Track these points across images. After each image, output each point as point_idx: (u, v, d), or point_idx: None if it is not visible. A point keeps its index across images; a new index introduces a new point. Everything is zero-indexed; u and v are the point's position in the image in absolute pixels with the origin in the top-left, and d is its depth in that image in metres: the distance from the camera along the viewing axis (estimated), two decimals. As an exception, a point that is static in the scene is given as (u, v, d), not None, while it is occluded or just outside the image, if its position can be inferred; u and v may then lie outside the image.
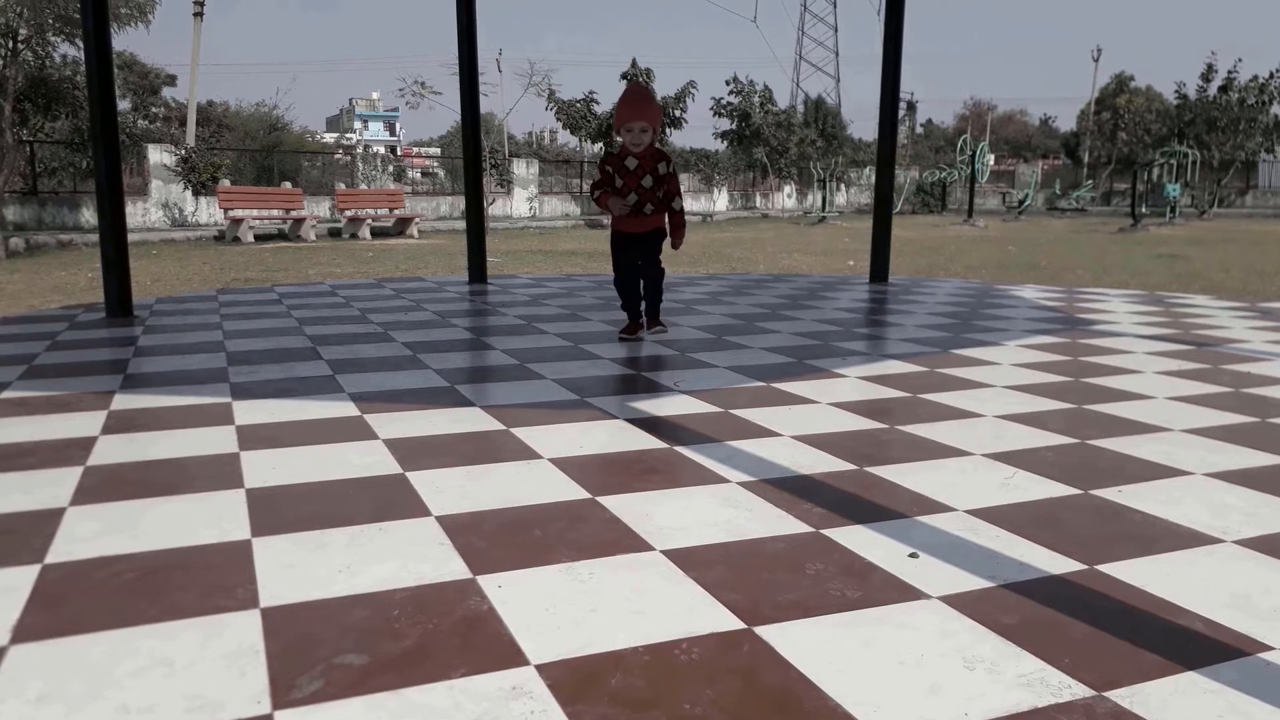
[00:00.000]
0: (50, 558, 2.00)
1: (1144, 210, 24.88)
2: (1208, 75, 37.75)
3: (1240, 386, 3.78)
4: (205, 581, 1.88)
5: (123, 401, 3.41)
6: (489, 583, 1.89)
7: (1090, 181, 40.93)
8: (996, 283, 8.46)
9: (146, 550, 2.04)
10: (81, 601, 1.80)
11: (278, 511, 2.28)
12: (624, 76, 29.99)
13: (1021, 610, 1.78)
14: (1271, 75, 36.85)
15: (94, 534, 2.13)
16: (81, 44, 9.13)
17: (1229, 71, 37.33)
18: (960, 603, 1.81)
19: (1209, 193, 33.51)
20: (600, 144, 31.00)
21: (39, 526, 2.18)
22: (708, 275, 8.75)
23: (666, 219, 4.75)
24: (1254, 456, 2.81)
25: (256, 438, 2.92)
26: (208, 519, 2.23)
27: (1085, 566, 1.99)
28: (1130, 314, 5.98)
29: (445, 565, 1.97)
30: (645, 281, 4.80)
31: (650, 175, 4.62)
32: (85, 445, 2.84)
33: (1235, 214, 33.07)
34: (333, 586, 1.86)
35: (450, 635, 1.67)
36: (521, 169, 28.00)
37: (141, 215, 19.91)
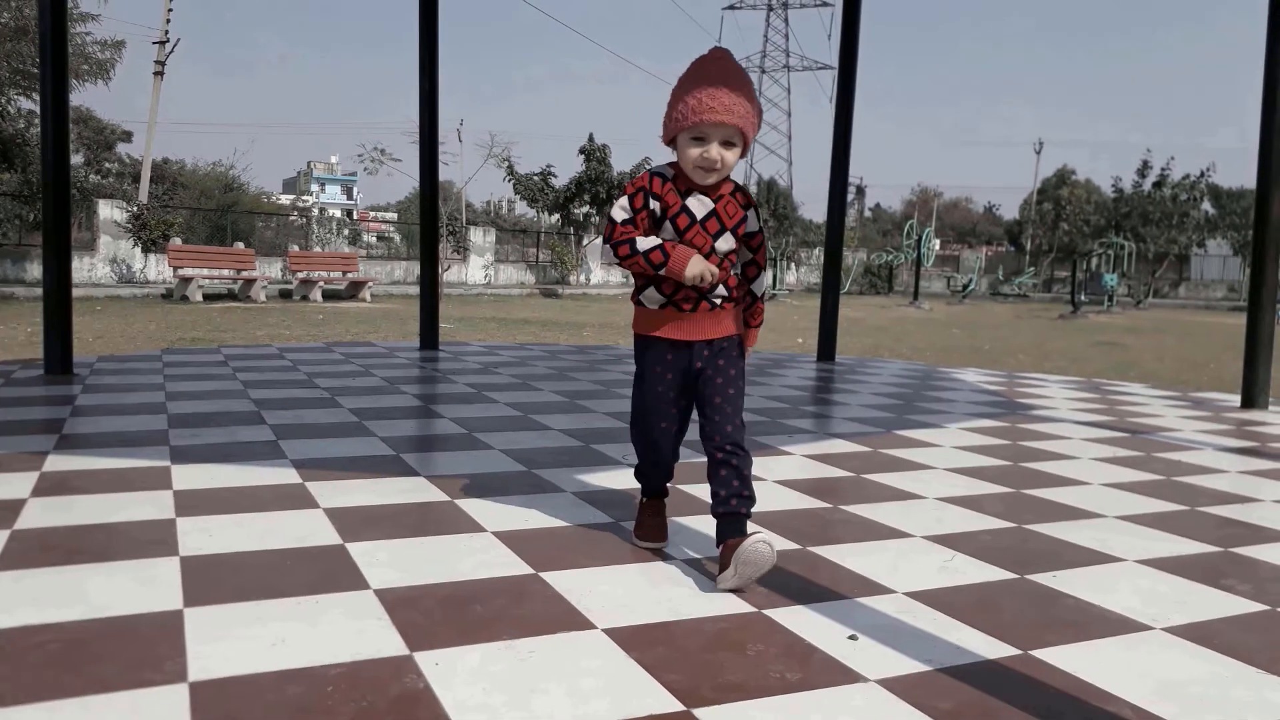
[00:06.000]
0: (-30, 625, 1.93)
1: (1083, 298, 25.70)
2: (1143, 171, 39.48)
3: (1171, 474, 3.89)
4: (133, 654, 1.83)
5: (56, 463, 3.32)
6: (426, 660, 1.86)
7: (1032, 268, 42.21)
8: (940, 365, 8.64)
9: (73, 620, 1.98)
10: (1, 674, 1.74)
11: (212, 581, 2.23)
12: (581, 151, 30.25)
13: (957, 695, 1.80)
14: (1202, 174, 38.66)
15: (18, 602, 2.07)
16: (38, 98, 9.07)
17: (1162, 169, 39.11)
18: (898, 686, 1.82)
19: (1144, 283, 34.73)
20: (556, 216, 31.13)
21: (-40, 592, 2.11)
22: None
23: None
24: (1183, 544, 2.88)
25: (194, 503, 2.86)
26: (139, 587, 2.17)
27: (1020, 652, 2.02)
28: (1068, 400, 6.14)
29: (382, 641, 1.94)
30: (710, 437, 2.59)
31: (732, 233, 2.41)
32: (13, 508, 2.76)
33: (1169, 304, 34.23)
34: (265, 660, 1.82)
35: (385, 714, 1.64)
36: (478, 237, 28.18)
37: (88, 270, 19.61)
